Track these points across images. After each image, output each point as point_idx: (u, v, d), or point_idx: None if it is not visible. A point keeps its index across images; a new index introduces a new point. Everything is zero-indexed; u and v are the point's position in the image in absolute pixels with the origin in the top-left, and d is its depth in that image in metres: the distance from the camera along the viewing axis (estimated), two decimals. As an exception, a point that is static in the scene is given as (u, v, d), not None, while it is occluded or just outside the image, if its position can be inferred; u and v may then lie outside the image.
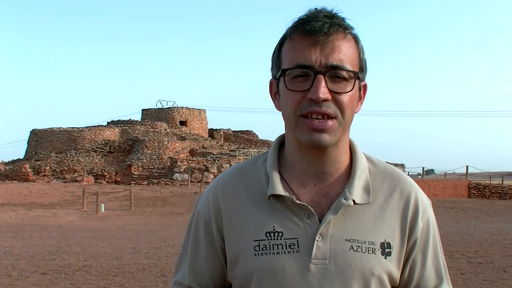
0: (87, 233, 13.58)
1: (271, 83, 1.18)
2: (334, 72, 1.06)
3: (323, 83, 1.05)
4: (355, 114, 1.15)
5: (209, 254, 1.19)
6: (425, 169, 40.35)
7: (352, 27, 1.11)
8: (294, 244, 1.09)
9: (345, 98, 1.07)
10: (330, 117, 1.06)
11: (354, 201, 1.12)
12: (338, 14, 1.09)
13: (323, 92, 1.04)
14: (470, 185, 31.18)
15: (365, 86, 1.17)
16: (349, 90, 1.08)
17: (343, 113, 1.07)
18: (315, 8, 1.09)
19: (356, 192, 1.12)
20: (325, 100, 1.05)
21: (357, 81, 1.10)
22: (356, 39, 1.11)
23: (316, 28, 1.05)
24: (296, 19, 1.10)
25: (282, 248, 1.09)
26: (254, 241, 1.11)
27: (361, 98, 1.16)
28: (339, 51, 1.06)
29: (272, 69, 1.17)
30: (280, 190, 1.12)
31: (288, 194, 1.12)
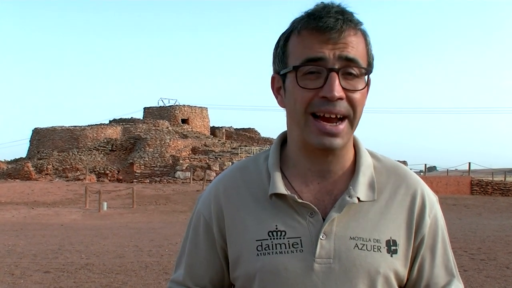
0: (89, 231, 13.60)
1: (273, 78, 1.15)
2: (346, 69, 1.03)
3: (337, 81, 1.02)
4: None
5: (209, 255, 1.17)
6: (427, 166, 40.34)
7: (361, 22, 1.08)
8: (297, 243, 1.06)
9: (357, 96, 1.05)
10: (343, 117, 1.04)
11: (358, 198, 1.09)
12: (348, 9, 1.06)
13: (338, 90, 1.01)
14: (472, 182, 31.17)
15: (369, 81, 1.14)
16: (361, 87, 1.05)
17: (355, 111, 1.05)
18: (322, 2, 1.06)
19: (361, 189, 1.10)
20: (340, 98, 1.02)
21: (366, 78, 1.07)
22: (365, 35, 1.09)
23: (330, 25, 1.02)
24: (305, 14, 1.06)
25: (285, 248, 1.06)
26: (256, 240, 1.08)
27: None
28: (352, 48, 1.04)
29: (274, 63, 1.13)
30: (281, 189, 1.10)
31: (289, 193, 1.09)
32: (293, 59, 1.06)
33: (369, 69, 1.08)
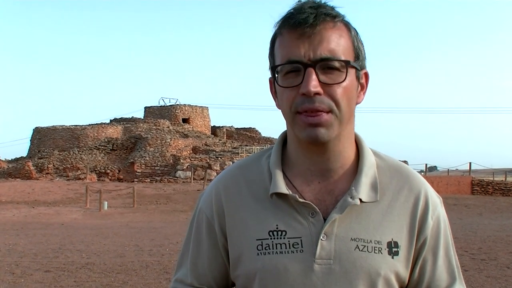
0: (90, 230, 13.61)
1: (270, 81, 1.15)
2: (324, 64, 1.02)
3: (313, 77, 1.01)
4: (358, 106, 1.10)
5: (212, 253, 1.17)
6: (428, 165, 40.31)
7: (342, 15, 1.06)
8: (298, 244, 1.06)
9: (338, 89, 1.03)
10: (324, 111, 1.02)
11: (360, 199, 1.08)
12: (327, 4, 1.05)
13: (314, 85, 1.00)
14: (473, 182, 31.18)
15: (366, 75, 1.12)
16: (341, 80, 1.03)
17: (338, 105, 1.03)
18: (299, 0, 1.05)
19: (363, 190, 1.09)
20: (317, 93, 1.01)
21: (351, 70, 1.05)
22: (347, 27, 1.07)
23: (301, 20, 1.01)
24: (284, 14, 1.06)
25: (286, 248, 1.06)
26: (257, 240, 1.08)
27: (363, 87, 1.11)
28: (329, 42, 1.02)
29: (269, 67, 1.13)
30: (282, 188, 1.09)
31: (291, 192, 1.08)
32: (277, 60, 1.07)
33: (355, 61, 1.06)
